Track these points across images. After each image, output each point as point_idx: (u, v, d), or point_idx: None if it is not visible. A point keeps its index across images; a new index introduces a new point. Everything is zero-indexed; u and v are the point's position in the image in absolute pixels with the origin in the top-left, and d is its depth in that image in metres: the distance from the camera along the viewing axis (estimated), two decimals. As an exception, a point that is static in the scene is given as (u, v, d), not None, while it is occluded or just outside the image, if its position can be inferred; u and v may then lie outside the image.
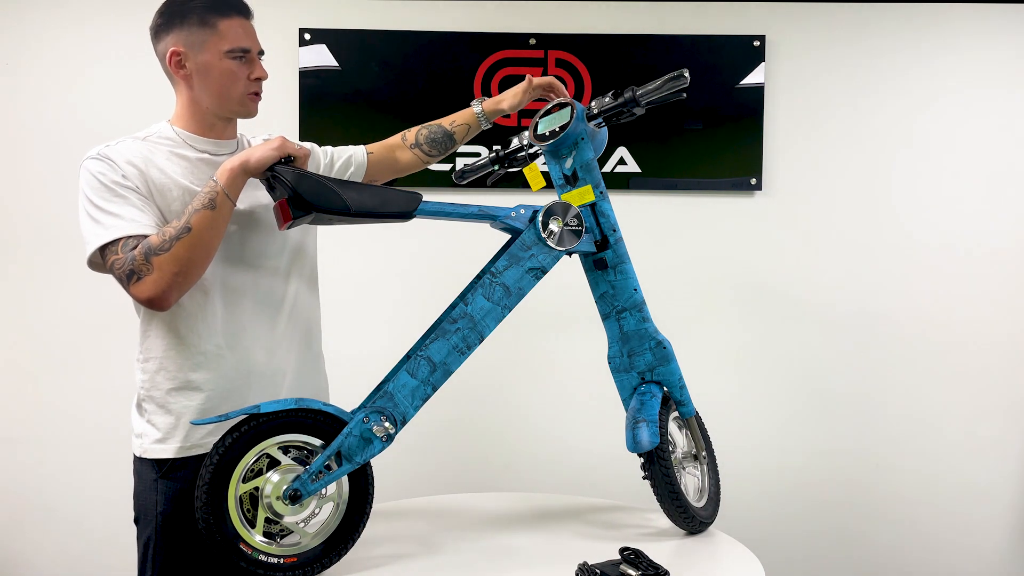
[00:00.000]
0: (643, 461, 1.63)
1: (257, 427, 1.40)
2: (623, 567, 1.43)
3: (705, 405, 1.94)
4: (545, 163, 1.78)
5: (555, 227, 1.60)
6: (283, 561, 1.41)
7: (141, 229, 1.47)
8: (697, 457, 1.78)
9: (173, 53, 1.56)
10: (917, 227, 2.70)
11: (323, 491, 1.46)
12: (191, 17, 1.54)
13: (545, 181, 1.89)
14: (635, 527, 1.72)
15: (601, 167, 2.45)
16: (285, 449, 1.44)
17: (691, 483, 1.76)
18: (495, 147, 1.88)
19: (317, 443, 1.45)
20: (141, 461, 1.60)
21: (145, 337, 1.60)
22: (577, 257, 1.70)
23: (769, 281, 2.71)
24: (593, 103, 1.68)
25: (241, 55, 1.57)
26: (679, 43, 2.66)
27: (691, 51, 2.66)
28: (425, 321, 1.68)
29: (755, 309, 2.71)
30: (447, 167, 2.61)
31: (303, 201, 1.45)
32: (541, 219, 1.60)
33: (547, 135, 1.67)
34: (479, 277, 1.64)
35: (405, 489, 2.31)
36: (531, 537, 1.66)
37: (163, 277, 1.44)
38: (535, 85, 1.83)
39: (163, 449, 1.57)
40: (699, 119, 2.67)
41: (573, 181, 1.67)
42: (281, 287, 1.67)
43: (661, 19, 2.68)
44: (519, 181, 2.47)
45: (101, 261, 1.50)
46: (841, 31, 2.69)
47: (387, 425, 1.48)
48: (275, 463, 1.43)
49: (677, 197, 2.69)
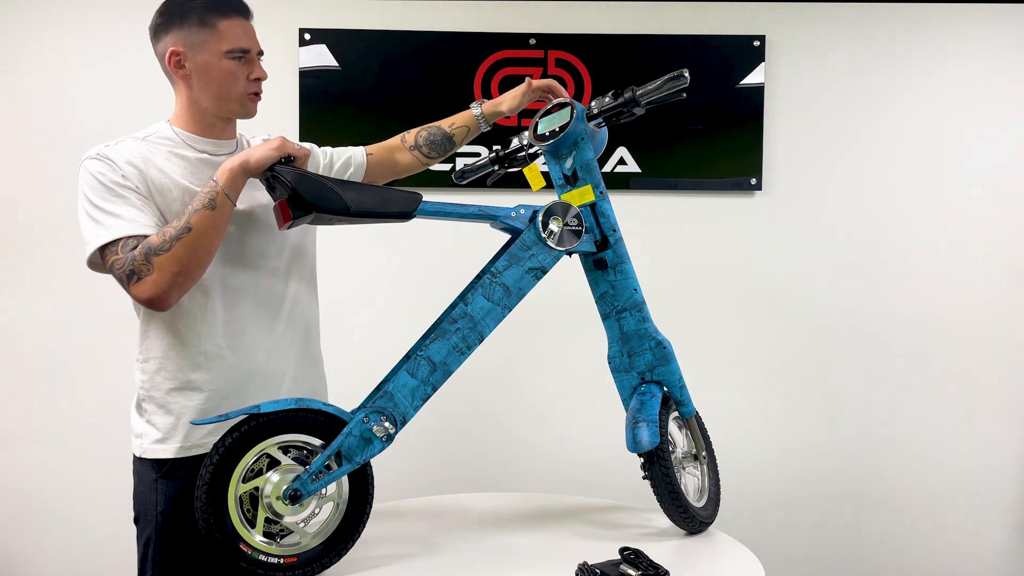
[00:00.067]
0: (643, 461, 1.63)
1: (257, 427, 1.40)
2: (623, 567, 1.43)
3: (705, 405, 1.94)
4: (545, 163, 1.78)
5: (555, 227, 1.60)
6: (283, 561, 1.41)
7: (141, 229, 1.47)
8: (697, 457, 1.78)
9: (172, 53, 1.56)
10: (917, 227, 2.70)
11: (323, 491, 1.46)
12: (191, 17, 1.54)
13: (545, 181, 1.89)
14: (635, 527, 1.72)
15: (601, 167, 2.45)
16: (285, 449, 1.44)
17: (691, 483, 1.75)
18: (495, 147, 1.88)
19: (317, 443, 1.46)
20: (141, 461, 1.60)
21: (145, 337, 1.60)
22: (577, 257, 1.70)
23: (769, 281, 2.71)
24: (593, 103, 1.68)
25: (240, 55, 1.57)
26: (679, 43, 2.66)
27: (691, 51, 2.65)
28: (425, 321, 1.68)
29: (755, 309, 2.71)
30: (447, 167, 2.61)
31: (303, 201, 1.45)
32: (541, 219, 1.60)
33: (547, 135, 1.67)
34: (479, 277, 1.64)
35: (405, 489, 2.31)
36: (531, 537, 1.66)
37: (163, 277, 1.44)
38: (534, 88, 1.83)
39: (163, 449, 1.57)
40: (699, 119, 2.67)
41: (573, 181, 1.67)
42: (281, 287, 1.67)
43: (661, 19, 2.67)
44: (519, 181, 2.47)
45: (101, 261, 1.50)
46: (841, 31, 2.69)
47: (387, 425, 1.48)
48: (275, 463, 1.43)
49: (677, 197, 2.69)
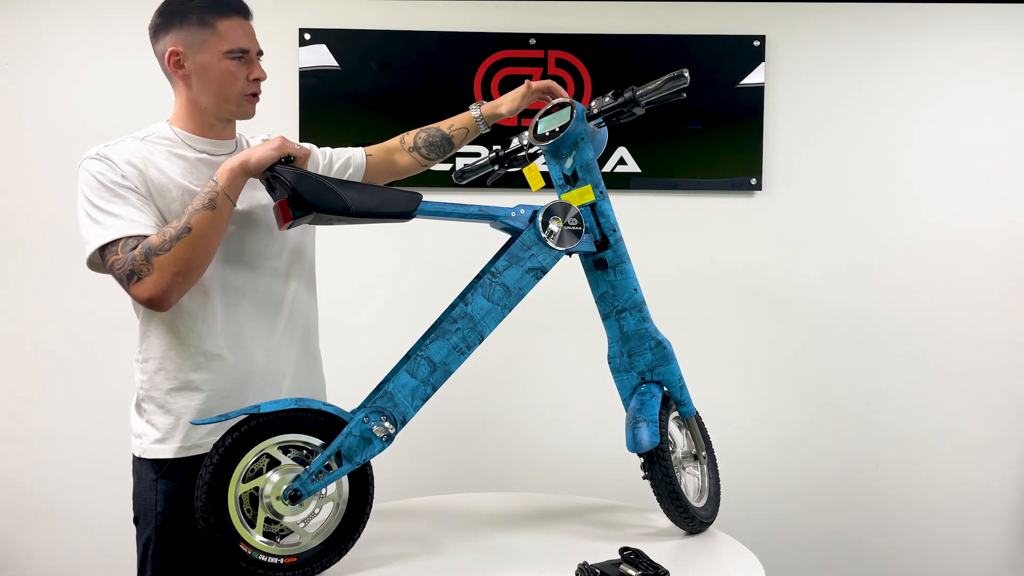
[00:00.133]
0: (643, 461, 1.63)
1: (257, 427, 1.40)
2: (623, 567, 1.42)
3: (705, 405, 1.94)
4: (545, 163, 1.78)
5: (555, 227, 1.60)
6: (283, 561, 1.41)
7: (141, 229, 1.47)
8: (697, 457, 1.78)
9: (172, 53, 1.55)
10: (917, 227, 2.70)
11: (323, 491, 1.46)
12: (190, 17, 1.54)
13: (544, 181, 1.88)
14: (635, 527, 1.72)
15: (601, 167, 2.45)
16: (285, 449, 1.44)
17: (691, 483, 1.75)
18: (495, 147, 1.88)
19: (317, 443, 1.45)
20: (140, 461, 1.60)
21: (144, 337, 1.60)
22: (577, 257, 1.69)
23: (769, 281, 2.71)
24: (593, 103, 1.68)
25: (240, 55, 1.57)
26: (679, 43, 2.66)
27: (691, 51, 2.65)
28: (425, 321, 1.68)
29: (755, 309, 2.71)
30: (447, 167, 2.61)
31: (303, 201, 1.45)
32: (541, 219, 1.59)
33: (547, 135, 1.67)
34: (479, 277, 1.64)
35: (405, 489, 2.31)
36: (531, 537, 1.66)
37: (163, 277, 1.44)
38: (534, 89, 1.83)
39: (162, 449, 1.57)
40: (699, 119, 2.66)
41: (573, 181, 1.67)
42: (280, 288, 1.67)
43: (661, 19, 2.67)
44: (519, 181, 2.47)
45: (100, 261, 1.50)
46: (841, 31, 2.68)
47: (387, 425, 1.48)
48: (275, 463, 1.43)
49: (677, 197, 2.69)
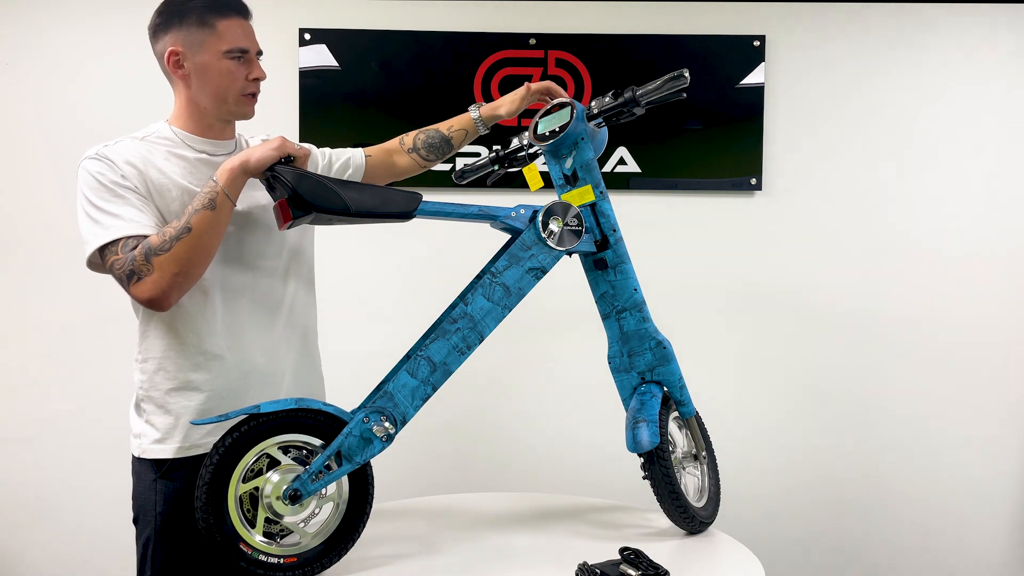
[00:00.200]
0: (643, 461, 1.63)
1: (257, 427, 1.40)
2: (623, 567, 1.42)
3: (705, 405, 1.94)
4: (545, 163, 1.78)
5: (555, 227, 1.60)
6: (283, 561, 1.41)
7: (141, 229, 1.47)
8: (697, 457, 1.78)
9: (171, 53, 1.55)
10: (917, 226, 2.70)
11: (323, 491, 1.46)
12: (190, 17, 1.54)
13: (543, 181, 1.88)
14: (635, 527, 1.72)
15: (601, 167, 2.45)
16: (285, 449, 1.44)
17: (691, 483, 1.75)
18: (495, 147, 1.87)
19: (317, 443, 1.45)
20: (140, 461, 1.60)
21: (144, 337, 1.60)
22: (577, 257, 1.69)
23: (769, 281, 2.71)
24: (593, 103, 1.68)
25: (239, 55, 1.57)
26: (679, 43, 2.66)
27: (691, 51, 2.65)
28: (425, 321, 1.68)
29: (755, 309, 2.71)
30: (447, 167, 2.61)
31: (303, 201, 1.45)
32: (541, 219, 1.59)
33: (547, 135, 1.67)
34: (479, 277, 1.64)
35: (405, 489, 2.31)
36: (531, 537, 1.66)
37: (163, 277, 1.44)
38: (533, 91, 1.83)
39: (162, 449, 1.57)
40: (699, 119, 2.66)
41: (573, 181, 1.67)
42: (280, 288, 1.67)
43: (661, 19, 2.67)
44: (519, 181, 2.47)
45: (100, 261, 1.50)
46: (841, 31, 2.68)
47: (387, 425, 1.48)
48: (275, 463, 1.43)
49: (677, 197, 2.69)
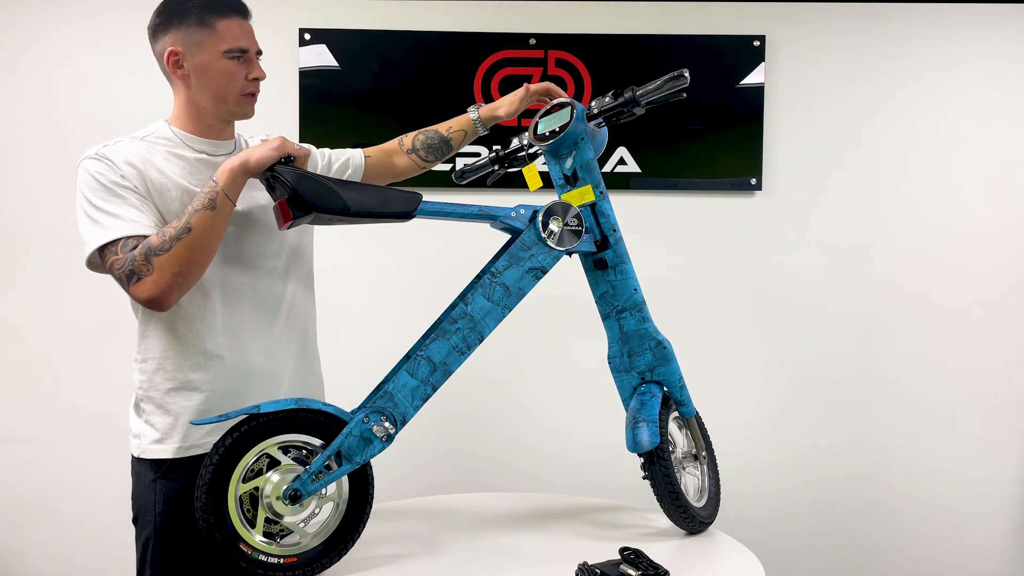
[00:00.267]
0: (643, 461, 1.63)
1: (257, 427, 1.40)
2: (623, 567, 1.42)
3: (705, 405, 1.94)
4: (545, 163, 1.78)
5: (555, 227, 1.60)
6: (283, 561, 1.41)
7: (140, 229, 1.47)
8: (697, 457, 1.78)
9: (171, 53, 1.55)
10: (917, 227, 2.70)
11: (323, 491, 1.46)
12: (189, 17, 1.54)
13: (543, 181, 1.88)
14: (635, 527, 1.72)
15: (601, 167, 2.45)
16: (285, 449, 1.44)
17: (691, 483, 1.75)
18: (495, 147, 1.87)
19: (317, 443, 1.45)
20: (139, 461, 1.60)
21: (143, 337, 1.60)
22: (577, 257, 1.69)
23: (769, 281, 2.71)
24: (593, 103, 1.68)
25: (239, 55, 1.57)
26: (679, 43, 2.66)
27: (691, 51, 2.65)
28: (425, 321, 1.68)
29: (755, 309, 2.71)
30: (447, 167, 2.61)
31: (303, 201, 1.45)
32: (541, 219, 1.59)
33: (547, 135, 1.67)
34: (479, 277, 1.64)
35: (405, 489, 2.31)
36: (531, 537, 1.66)
37: (163, 277, 1.44)
38: (532, 92, 1.83)
39: (161, 449, 1.57)
40: (699, 119, 2.66)
41: (573, 181, 1.67)
42: (279, 288, 1.67)
43: (661, 19, 2.67)
44: (519, 181, 2.47)
45: (100, 261, 1.50)
46: (841, 31, 2.68)
47: (387, 425, 1.48)
48: (275, 463, 1.43)
49: (677, 197, 2.69)
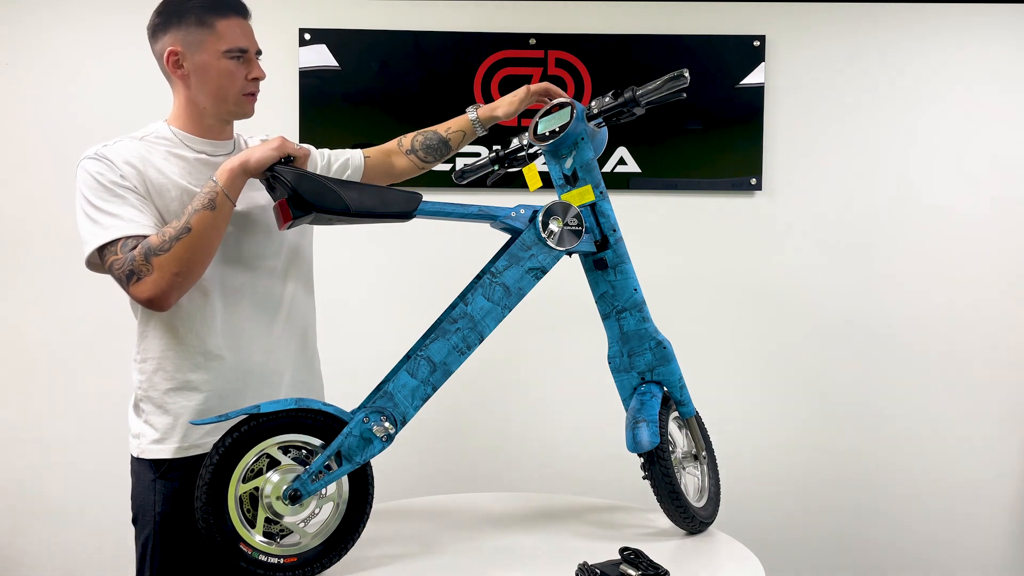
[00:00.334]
0: (643, 461, 1.63)
1: (257, 427, 1.40)
2: (623, 567, 1.42)
3: (705, 405, 1.94)
4: (545, 163, 1.78)
5: (555, 227, 1.60)
6: (283, 561, 1.41)
7: (140, 229, 1.47)
8: (697, 457, 1.78)
9: (171, 53, 1.55)
10: (916, 226, 2.70)
11: (323, 491, 1.46)
12: (189, 17, 1.54)
13: (542, 181, 1.88)
14: (635, 527, 1.72)
15: (601, 167, 2.44)
16: (285, 449, 1.44)
17: (691, 483, 1.75)
18: (495, 147, 1.87)
19: (317, 443, 1.45)
20: (139, 461, 1.60)
21: (143, 337, 1.60)
22: (577, 257, 1.69)
23: (769, 281, 2.70)
24: (593, 103, 1.68)
25: (239, 55, 1.57)
26: (679, 43, 2.66)
27: (691, 51, 2.65)
28: (425, 321, 1.68)
29: (755, 309, 2.71)
30: (447, 167, 2.61)
31: (303, 201, 1.45)
32: (541, 219, 1.59)
33: (547, 135, 1.67)
34: (479, 277, 1.64)
35: (405, 489, 2.31)
36: (531, 537, 1.66)
37: (163, 277, 1.44)
38: (532, 92, 1.83)
39: (161, 449, 1.57)
40: (699, 119, 2.66)
41: (573, 181, 1.67)
42: (279, 288, 1.67)
43: (661, 19, 2.67)
44: (519, 181, 2.47)
45: (99, 261, 1.50)
46: (841, 31, 2.68)
47: (387, 425, 1.48)
48: (275, 463, 1.43)
49: (677, 197, 2.69)
